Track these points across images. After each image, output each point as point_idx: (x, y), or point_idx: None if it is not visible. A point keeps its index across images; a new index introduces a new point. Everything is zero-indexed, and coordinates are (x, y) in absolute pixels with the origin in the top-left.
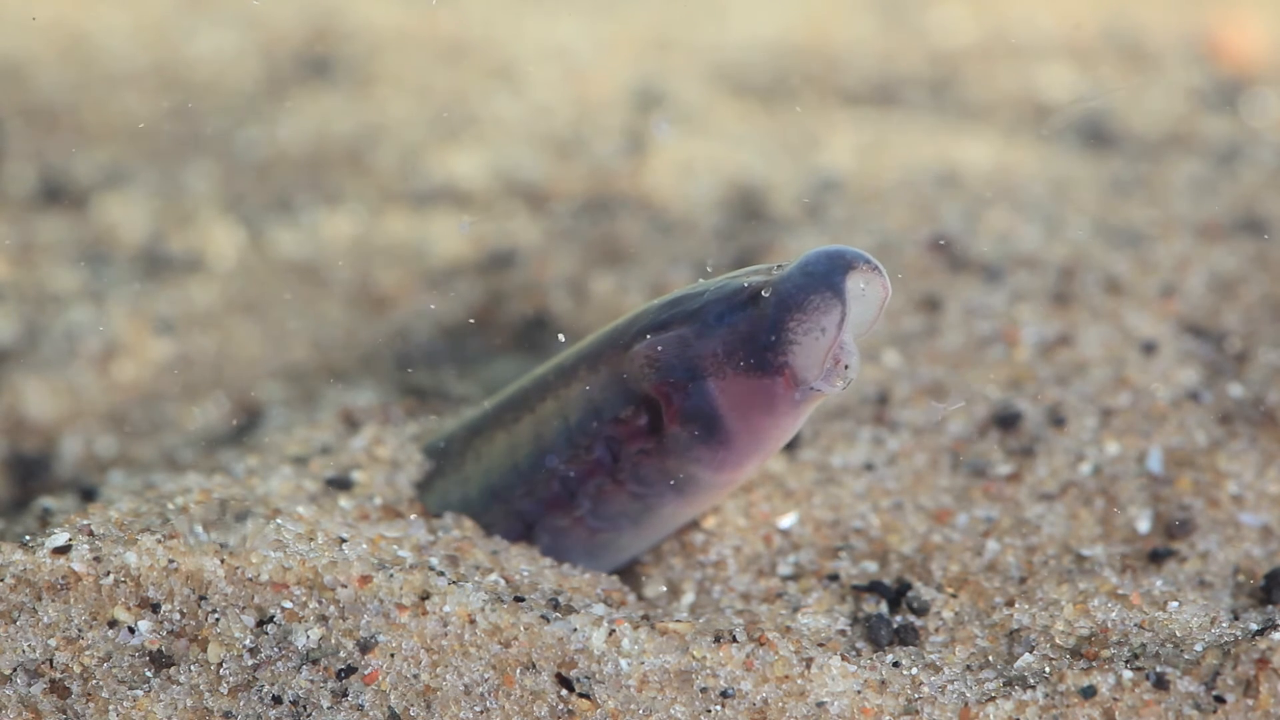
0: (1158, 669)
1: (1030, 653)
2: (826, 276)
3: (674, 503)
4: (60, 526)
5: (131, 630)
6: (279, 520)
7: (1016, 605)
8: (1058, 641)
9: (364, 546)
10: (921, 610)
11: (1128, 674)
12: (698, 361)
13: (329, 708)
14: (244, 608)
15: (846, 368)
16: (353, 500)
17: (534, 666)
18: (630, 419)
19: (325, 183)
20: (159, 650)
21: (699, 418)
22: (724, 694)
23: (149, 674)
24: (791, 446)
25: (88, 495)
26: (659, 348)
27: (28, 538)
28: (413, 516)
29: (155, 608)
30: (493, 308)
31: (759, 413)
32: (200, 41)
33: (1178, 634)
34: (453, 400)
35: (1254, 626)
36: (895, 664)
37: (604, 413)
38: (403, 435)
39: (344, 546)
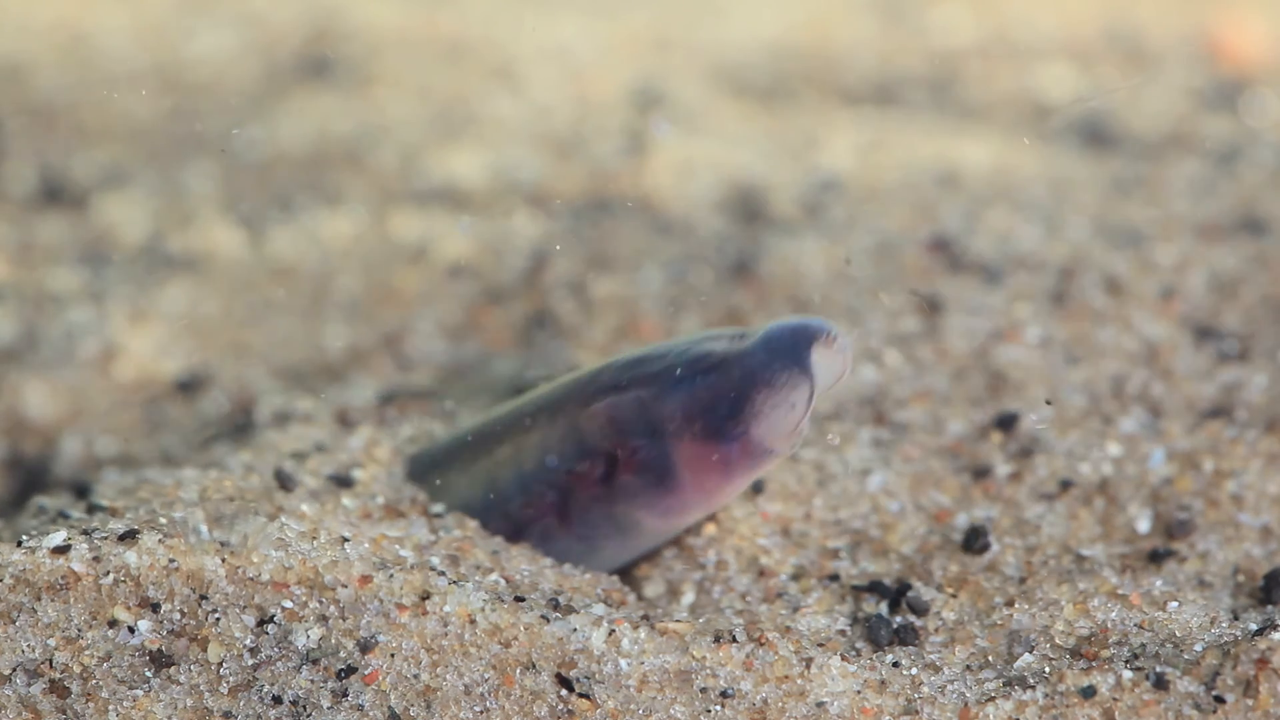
0: (1158, 669)
1: (1030, 653)
2: (794, 352)
3: (616, 546)
4: (55, 523)
5: (131, 630)
6: (282, 519)
7: (1016, 605)
8: (1058, 641)
9: (366, 546)
10: (921, 610)
11: (1128, 674)
12: (657, 423)
13: (329, 708)
14: (244, 607)
15: (800, 430)
16: (356, 499)
17: (534, 666)
18: (586, 472)
19: (325, 183)
20: (159, 650)
21: (653, 472)
22: (724, 694)
23: (149, 674)
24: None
25: (81, 492)
26: (618, 408)
27: (25, 537)
28: (414, 516)
29: (155, 607)
30: (491, 307)
31: (713, 474)
32: (200, 41)
33: (1178, 634)
34: (446, 401)
35: (1254, 626)
36: (895, 664)
37: (559, 464)
38: (398, 437)
39: (346, 546)
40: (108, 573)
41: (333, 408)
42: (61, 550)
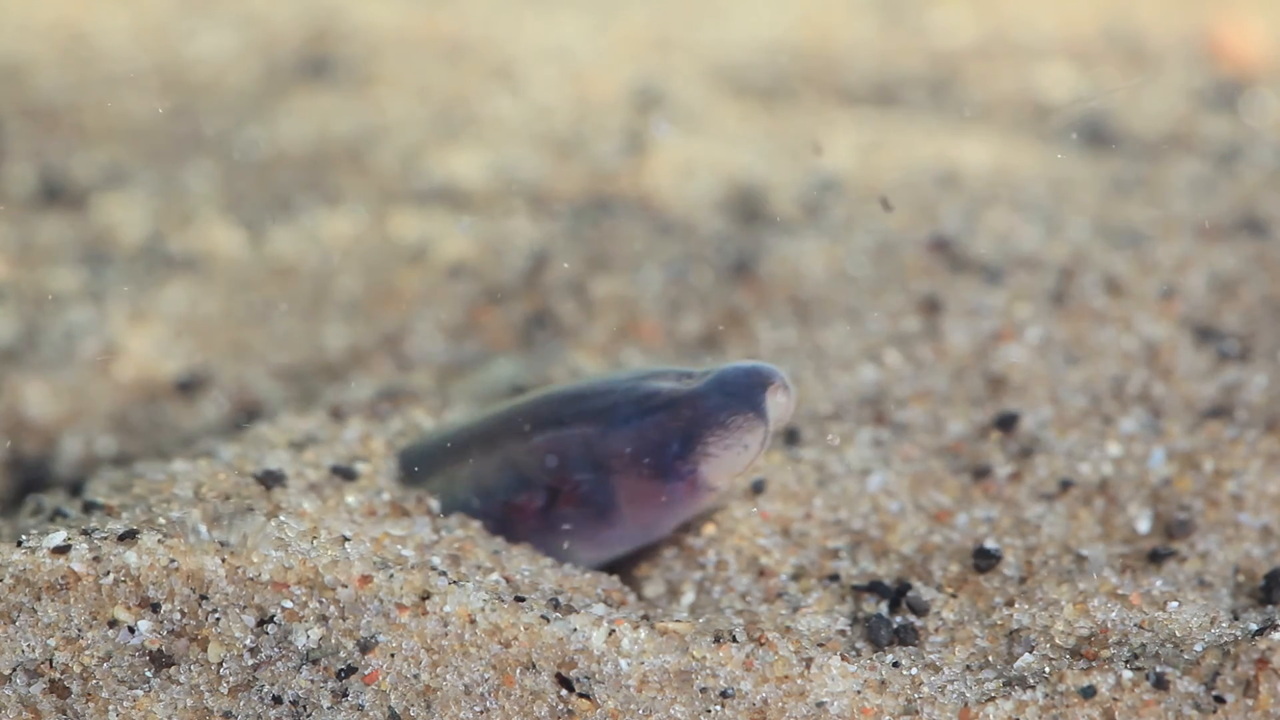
0: (1158, 669)
1: (1030, 653)
2: (749, 396)
3: None
4: (53, 521)
5: (131, 630)
6: (281, 517)
7: (1016, 605)
8: (1058, 641)
9: (367, 545)
10: (921, 610)
11: (1128, 674)
12: (602, 459)
13: (329, 708)
14: (244, 607)
15: (747, 470)
16: (361, 495)
17: (534, 666)
18: (525, 503)
19: (325, 183)
20: (159, 650)
21: (594, 506)
22: (724, 694)
23: (149, 674)
24: (792, 445)
25: (75, 489)
26: (563, 442)
27: (25, 537)
28: (419, 515)
29: (155, 607)
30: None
31: (655, 510)
32: (200, 41)
33: (1178, 634)
34: (438, 401)
35: (1254, 626)
36: (895, 664)
37: (497, 494)
38: (389, 431)
39: (347, 545)
40: (108, 573)
41: (328, 405)
42: (61, 550)
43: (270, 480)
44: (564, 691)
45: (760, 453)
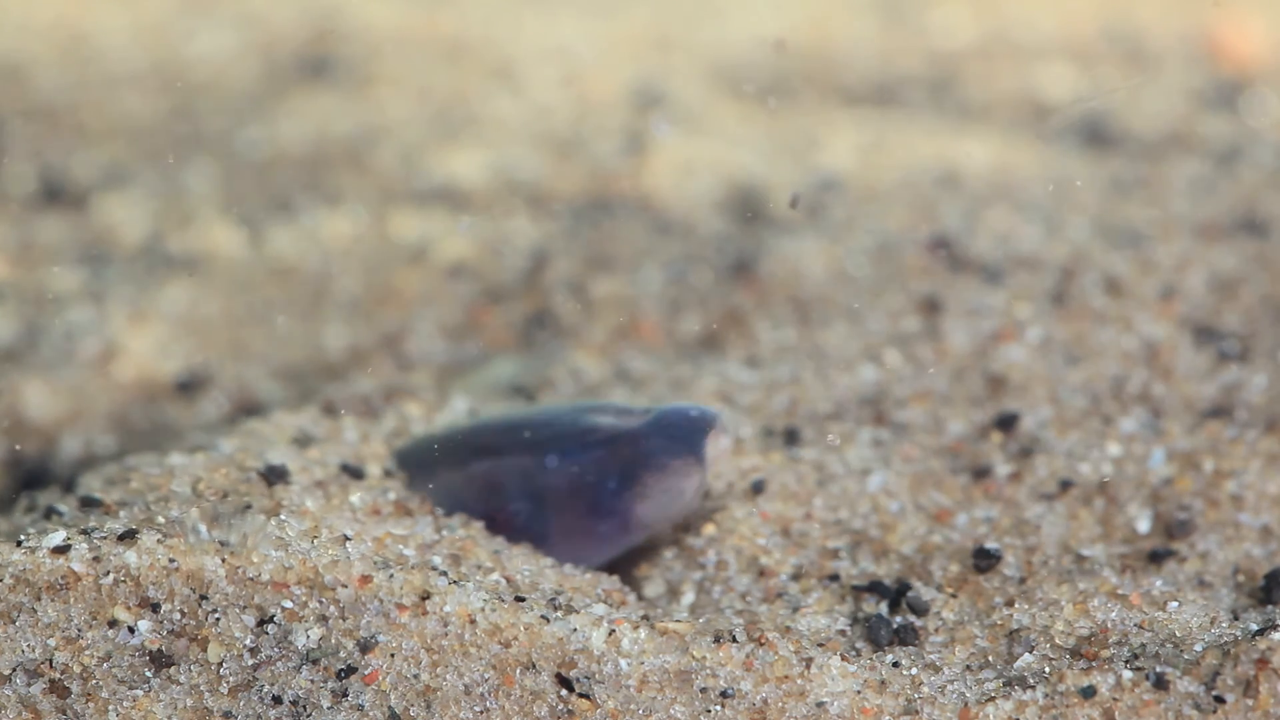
0: (1158, 669)
1: (1030, 653)
2: (689, 439)
3: None
4: (48, 519)
5: (131, 630)
6: (282, 516)
7: (1016, 605)
8: (1057, 641)
9: (369, 545)
10: (921, 610)
11: (1127, 674)
12: (539, 491)
13: (329, 708)
14: (244, 607)
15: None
16: (367, 494)
17: (534, 666)
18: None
19: (325, 183)
20: (159, 650)
21: (527, 536)
22: (724, 694)
23: (149, 674)
24: (792, 445)
25: (69, 485)
26: (500, 473)
27: (24, 537)
28: (421, 515)
29: (155, 607)
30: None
31: (587, 544)
32: (200, 41)
33: (1178, 634)
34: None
35: (1254, 626)
36: (895, 664)
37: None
38: (384, 430)
39: (348, 545)
40: (108, 573)
41: (322, 400)
42: (61, 550)
43: (274, 476)
44: (564, 691)
45: (696, 497)
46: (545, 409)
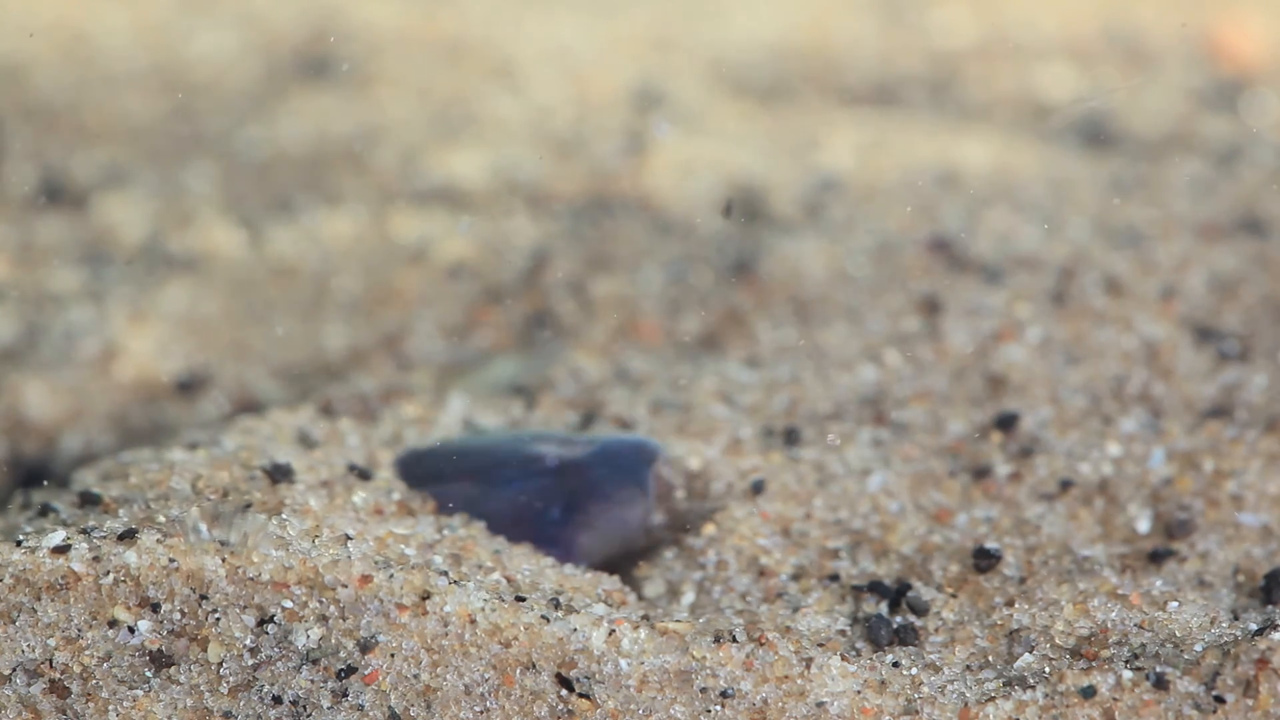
0: (1157, 669)
1: (1030, 653)
2: (634, 470)
3: None
4: (44, 516)
5: (131, 630)
6: (284, 515)
7: (1016, 605)
8: (1057, 641)
9: (370, 544)
10: (921, 610)
11: (1127, 674)
12: (480, 520)
13: (329, 708)
14: (244, 607)
15: (625, 541)
16: (371, 494)
17: (534, 666)
18: None
19: (325, 183)
20: (159, 650)
21: None
22: (724, 694)
23: (149, 674)
24: (792, 445)
25: (64, 481)
26: (442, 498)
27: (24, 537)
28: (423, 514)
29: (155, 607)
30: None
31: None
32: (200, 41)
33: (1178, 634)
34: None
35: (1254, 626)
36: (895, 664)
37: None
38: (382, 435)
39: (349, 544)
40: (108, 572)
41: (320, 400)
42: (61, 550)
43: (278, 474)
44: (564, 691)
45: (640, 528)
46: (489, 437)
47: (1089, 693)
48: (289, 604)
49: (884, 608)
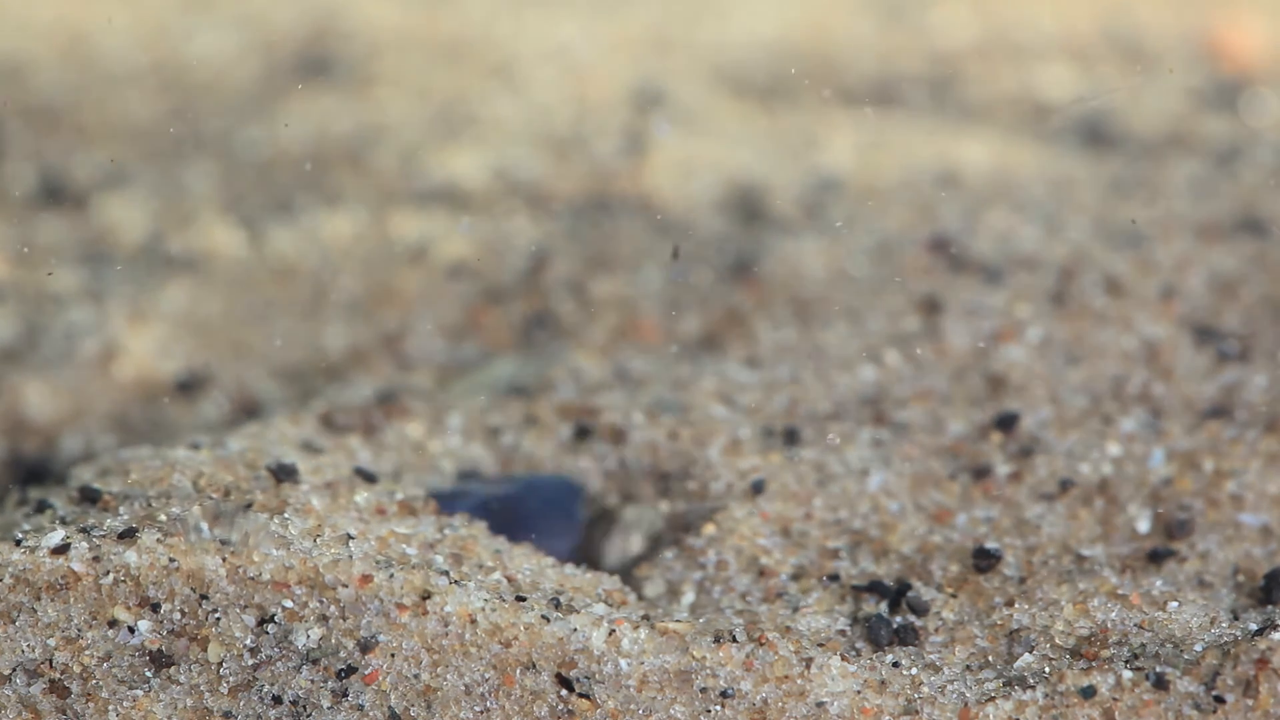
0: (1157, 669)
1: (1030, 653)
2: (563, 504)
3: None
4: (41, 513)
5: (131, 630)
6: (286, 514)
7: (1016, 605)
8: (1057, 641)
9: (371, 544)
10: (921, 610)
11: (1127, 674)
12: None
13: (329, 708)
14: (245, 607)
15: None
16: (374, 495)
17: (534, 666)
18: None
19: (325, 183)
20: (159, 650)
21: None
22: (724, 694)
23: (149, 674)
24: (792, 445)
25: (61, 478)
26: None
27: (23, 536)
28: (425, 514)
29: (155, 607)
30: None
31: None
32: (200, 41)
33: (1177, 634)
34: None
35: (1254, 626)
36: (895, 664)
37: None
38: (385, 448)
39: (350, 544)
40: (108, 572)
41: (320, 410)
42: (61, 550)
43: (283, 474)
44: (564, 691)
45: (570, 560)
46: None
47: (1089, 693)
48: (289, 604)
49: (884, 608)
